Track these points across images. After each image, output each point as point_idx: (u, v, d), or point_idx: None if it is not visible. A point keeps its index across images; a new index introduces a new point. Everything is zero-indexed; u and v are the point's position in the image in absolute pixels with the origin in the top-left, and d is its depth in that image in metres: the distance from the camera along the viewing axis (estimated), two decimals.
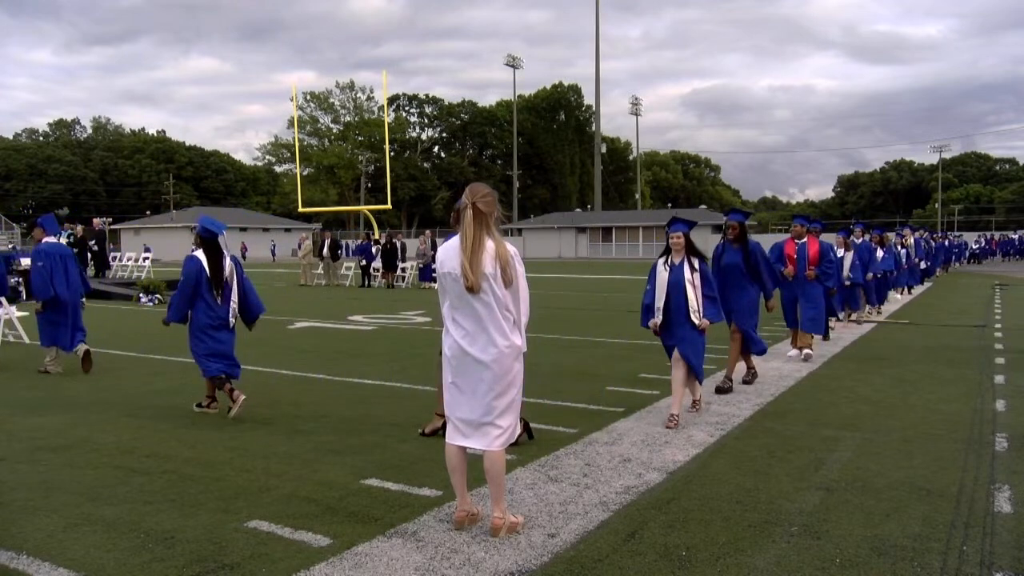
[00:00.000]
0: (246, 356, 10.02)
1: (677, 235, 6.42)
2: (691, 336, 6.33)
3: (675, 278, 6.35)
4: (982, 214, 77.87)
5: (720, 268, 7.76)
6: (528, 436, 5.67)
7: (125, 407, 7.02)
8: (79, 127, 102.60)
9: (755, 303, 7.83)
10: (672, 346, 6.46)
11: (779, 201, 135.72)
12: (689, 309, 6.30)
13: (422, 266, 24.86)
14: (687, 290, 6.30)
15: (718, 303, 6.51)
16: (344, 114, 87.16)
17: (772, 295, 7.99)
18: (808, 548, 3.78)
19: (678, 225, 6.47)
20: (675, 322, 6.38)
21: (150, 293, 19.09)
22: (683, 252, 6.40)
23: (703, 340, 6.46)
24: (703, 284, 6.38)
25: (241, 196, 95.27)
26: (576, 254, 65.78)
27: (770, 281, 7.92)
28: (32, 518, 4.21)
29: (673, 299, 6.36)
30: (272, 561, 3.64)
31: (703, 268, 6.44)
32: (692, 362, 6.34)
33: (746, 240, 7.84)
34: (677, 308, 6.35)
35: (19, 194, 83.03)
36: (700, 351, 6.41)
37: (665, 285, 6.39)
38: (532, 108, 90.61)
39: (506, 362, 3.89)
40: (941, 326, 13.15)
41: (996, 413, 6.64)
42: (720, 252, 7.95)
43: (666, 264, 6.45)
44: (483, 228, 3.85)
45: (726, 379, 7.65)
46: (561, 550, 3.78)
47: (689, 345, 6.33)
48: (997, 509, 4.31)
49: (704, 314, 6.34)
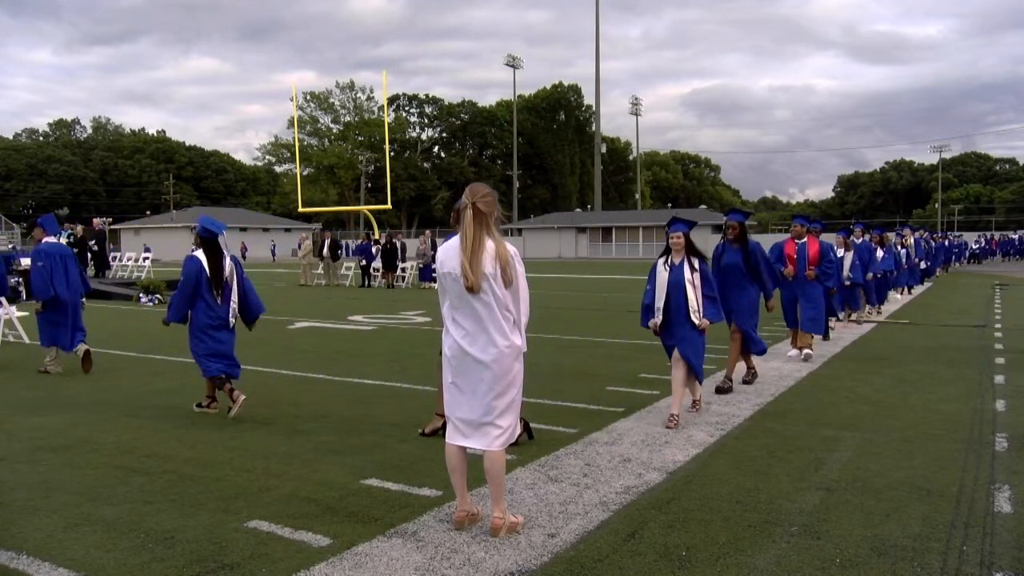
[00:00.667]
0: (246, 356, 10.01)
1: (677, 235, 6.43)
2: (691, 336, 6.34)
3: (675, 278, 6.36)
4: (982, 214, 77.86)
5: (720, 268, 7.76)
6: (528, 436, 5.67)
7: (125, 407, 7.02)
8: (79, 127, 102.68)
9: (755, 303, 7.82)
10: (672, 346, 6.47)
11: (779, 201, 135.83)
12: (689, 309, 6.30)
13: (422, 266, 24.86)
14: (687, 290, 6.31)
15: (718, 303, 6.52)
16: (344, 114, 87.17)
17: (772, 295, 8.00)
18: (808, 548, 3.78)
19: (678, 225, 6.48)
20: (675, 322, 6.39)
21: (150, 293, 19.09)
22: (683, 252, 6.41)
23: (703, 340, 6.46)
24: (703, 284, 6.38)
25: (241, 196, 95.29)
26: (576, 254, 65.77)
27: (770, 281, 7.92)
28: (32, 518, 4.21)
29: (673, 299, 6.37)
30: (272, 561, 3.64)
31: (703, 268, 6.44)
32: (692, 362, 6.35)
33: (746, 240, 7.84)
34: (677, 308, 6.35)
35: (19, 194, 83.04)
36: (700, 351, 6.42)
37: (665, 285, 6.40)
38: (532, 108, 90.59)
39: (506, 362, 3.89)
40: (941, 326, 13.15)
41: (996, 413, 6.64)
42: (720, 252, 7.96)
43: (666, 264, 6.45)
44: (483, 228, 3.85)
45: (726, 379, 7.65)
46: (561, 550, 3.77)
47: (689, 345, 6.34)
48: (997, 509, 4.31)
49: (704, 314, 6.35)
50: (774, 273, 8.26)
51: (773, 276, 8.11)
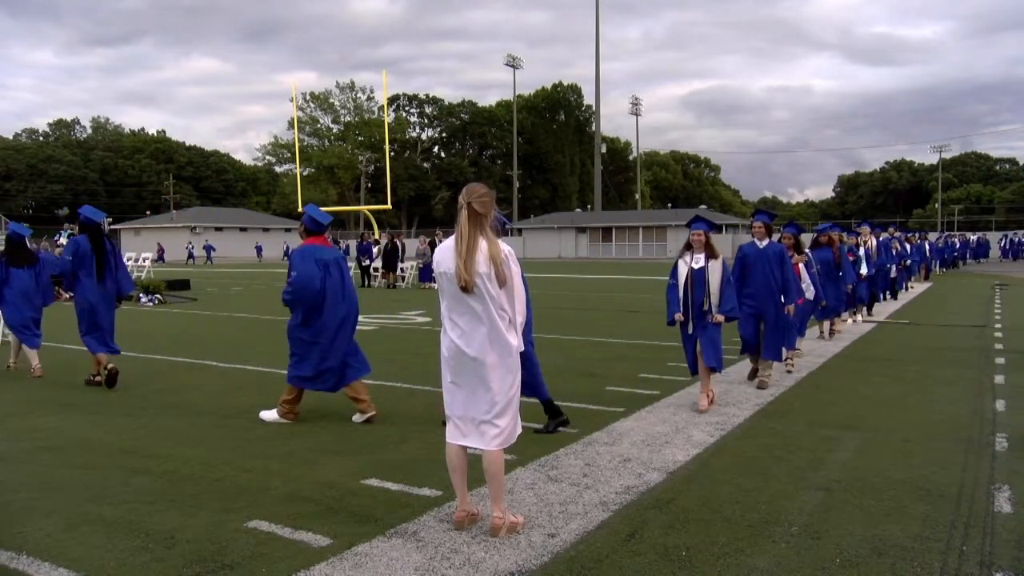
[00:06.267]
0: (247, 356, 10.03)
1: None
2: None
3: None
4: (982, 214, 77.83)
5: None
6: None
7: (125, 407, 7.02)
8: (79, 127, 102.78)
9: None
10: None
11: (779, 202, 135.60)
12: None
13: (422, 266, 24.86)
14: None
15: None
16: (344, 114, 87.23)
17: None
18: (808, 548, 3.78)
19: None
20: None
21: (150, 293, 19.09)
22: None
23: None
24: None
25: (241, 196, 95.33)
26: (576, 254, 65.77)
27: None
28: (32, 518, 4.21)
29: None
30: (272, 561, 3.64)
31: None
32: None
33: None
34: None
35: (19, 194, 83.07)
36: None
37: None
38: (532, 108, 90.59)
39: (502, 361, 3.89)
40: (941, 326, 13.14)
41: (996, 413, 6.64)
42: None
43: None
44: (478, 228, 3.86)
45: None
46: (561, 550, 3.77)
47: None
48: (997, 509, 4.31)
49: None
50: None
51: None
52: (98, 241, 8.09)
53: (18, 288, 8.83)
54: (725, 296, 6.64)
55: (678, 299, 6.72)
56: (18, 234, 9.06)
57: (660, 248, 61.86)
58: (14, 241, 9.05)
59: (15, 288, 8.82)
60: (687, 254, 6.75)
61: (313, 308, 6.27)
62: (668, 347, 10.22)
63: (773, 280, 7.72)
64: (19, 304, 8.82)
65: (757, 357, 7.90)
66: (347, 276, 6.52)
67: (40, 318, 9.02)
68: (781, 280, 7.74)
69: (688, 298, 6.66)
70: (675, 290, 6.75)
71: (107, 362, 7.91)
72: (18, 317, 8.81)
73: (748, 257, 7.87)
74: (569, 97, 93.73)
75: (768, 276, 7.71)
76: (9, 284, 8.83)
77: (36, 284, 8.97)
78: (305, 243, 6.49)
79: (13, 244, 9.04)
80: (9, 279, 8.83)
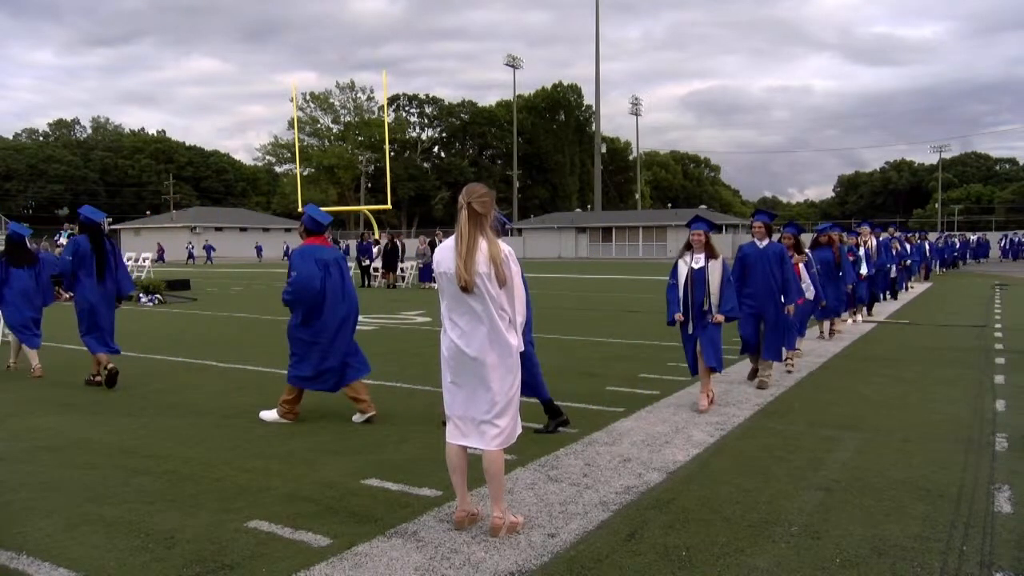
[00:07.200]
0: (247, 356, 10.03)
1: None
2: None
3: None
4: (982, 214, 77.83)
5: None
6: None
7: (125, 407, 7.02)
8: (79, 127, 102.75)
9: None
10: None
11: (779, 201, 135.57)
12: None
13: (422, 266, 24.86)
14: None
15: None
16: (344, 114, 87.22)
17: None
18: (808, 548, 3.78)
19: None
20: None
21: (150, 293, 19.08)
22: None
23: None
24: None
25: (241, 196, 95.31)
26: (576, 254, 65.76)
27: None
28: (32, 518, 4.21)
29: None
30: (272, 561, 3.64)
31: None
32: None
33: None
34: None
35: (19, 194, 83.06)
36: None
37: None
38: (532, 108, 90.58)
39: (502, 361, 3.90)
40: (941, 326, 13.14)
41: (996, 413, 6.64)
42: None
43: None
44: (478, 228, 3.86)
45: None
46: (561, 550, 3.77)
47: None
48: (997, 509, 4.31)
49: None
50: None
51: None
52: (98, 241, 8.10)
53: (18, 288, 8.83)
54: (725, 296, 6.66)
55: (678, 299, 6.74)
56: (18, 234, 9.06)
57: (660, 248, 61.85)
58: (14, 241, 9.05)
59: (15, 288, 8.82)
60: (687, 254, 6.76)
61: (313, 308, 6.26)
62: (668, 347, 10.22)
63: (773, 280, 7.72)
64: (19, 304, 8.82)
65: (757, 357, 7.91)
66: (347, 276, 6.52)
67: (40, 318, 9.02)
68: (781, 280, 7.75)
69: (688, 298, 6.68)
70: (675, 290, 6.77)
71: (107, 362, 7.91)
72: (18, 317, 8.81)
73: (748, 257, 7.87)
74: (569, 97, 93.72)
75: (768, 276, 7.72)
76: (9, 284, 8.83)
77: (36, 284, 8.97)
78: (305, 243, 6.49)
79: (13, 244, 9.04)
80: (9, 279, 8.83)
